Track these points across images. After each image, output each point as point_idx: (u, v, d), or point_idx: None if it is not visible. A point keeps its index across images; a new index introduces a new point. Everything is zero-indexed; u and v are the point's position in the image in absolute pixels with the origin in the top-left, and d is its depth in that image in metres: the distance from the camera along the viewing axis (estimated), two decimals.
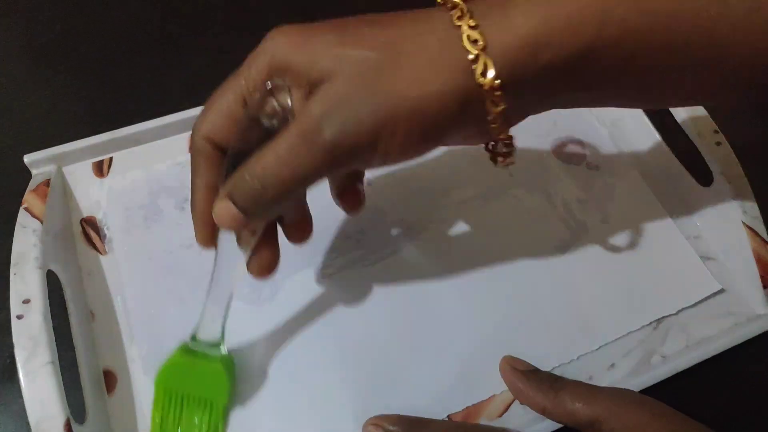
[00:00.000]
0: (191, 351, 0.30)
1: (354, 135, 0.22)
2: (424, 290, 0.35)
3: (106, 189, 0.38)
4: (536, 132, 0.41)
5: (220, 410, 0.30)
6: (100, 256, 0.36)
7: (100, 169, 0.38)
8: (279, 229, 0.29)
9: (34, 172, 0.37)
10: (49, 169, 0.37)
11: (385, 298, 0.35)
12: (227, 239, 0.27)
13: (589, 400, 0.29)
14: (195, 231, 0.28)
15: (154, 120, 0.39)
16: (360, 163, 0.24)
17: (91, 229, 0.36)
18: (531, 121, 0.40)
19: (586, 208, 0.38)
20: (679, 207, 0.39)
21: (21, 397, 0.27)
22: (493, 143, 0.26)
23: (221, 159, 0.26)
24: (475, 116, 0.24)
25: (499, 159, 0.27)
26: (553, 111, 0.40)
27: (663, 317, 0.35)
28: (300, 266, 0.35)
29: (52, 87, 0.44)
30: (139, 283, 0.35)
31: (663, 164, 0.40)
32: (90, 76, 0.44)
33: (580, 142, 0.41)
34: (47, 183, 0.35)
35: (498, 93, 0.23)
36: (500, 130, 0.25)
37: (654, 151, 0.40)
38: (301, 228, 0.29)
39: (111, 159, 0.39)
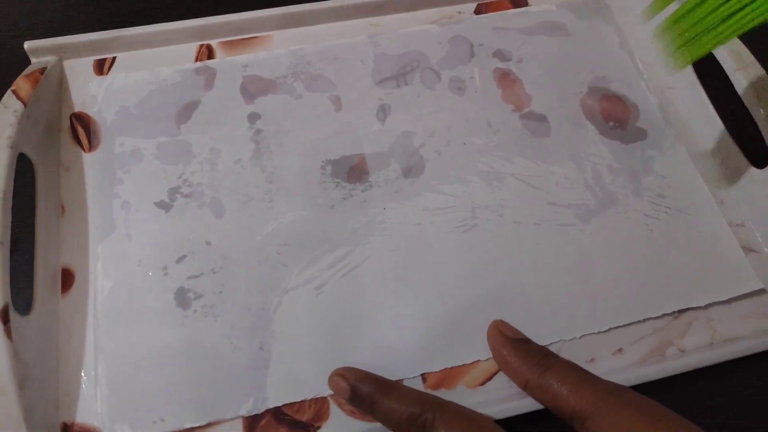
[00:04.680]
0: None
1: None
2: (421, 232, 0.32)
3: (105, 85, 0.35)
4: (575, 89, 0.37)
5: None
6: (84, 153, 0.33)
7: (101, 68, 0.36)
8: None
9: (33, 60, 0.35)
10: (49, 59, 0.35)
11: (373, 231, 0.32)
12: None
13: (577, 388, 0.25)
14: None
15: (165, 24, 0.37)
16: None
17: (80, 125, 0.34)
18: (570, 75, 0.37)
19: (617, 177, 0.34)
20: (725, 189, 0.34)
21: None
22: None
23: None
24: None
25: None
26: (602, 69, 0.36)
27: (688, 309, 0.30)
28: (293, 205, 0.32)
29: None
30: (121, 182, 0.32)
31: (714, 140, 0.35)
32: None
33: (624, 107, 0.36)
34: (42, 70, 0.33)
35: None
36: None
37: (706, 126, 0.35)
38: None
39: (114, 59, 0.37)
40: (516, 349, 0.27)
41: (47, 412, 0.26)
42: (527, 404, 0.26)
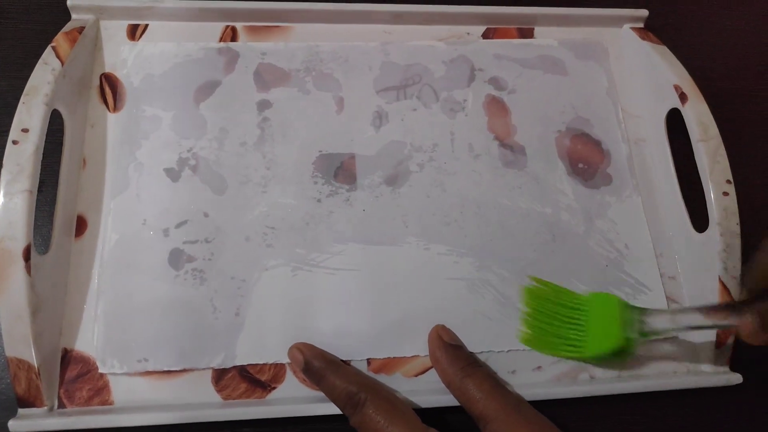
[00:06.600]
0: (631, 308, 0.32)
1: None
2: (389, 239, 0.36)
3: (135, 51, 0.39)
4: (556, 127, 0.40)
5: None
6: (108, 113, 0.37)
7: (134, 33, 0.40)
8: None
9: (73, 16, 0.39)
10: (88, 18, 0.39)
11: (350, 230, 0.36)
12: None
13: (488, 396, 0.30)
14: None
15: (198, 1, 0.40)
16: None
17: (108, 85, 0.38)
18: (555, 113, 0.40)
19: (574, 217, 0.38)
20: (667, 244, 0.38)
21: None
22: None
23: None
24: None
25: None
26: (586, 112, 0.39)
27: None
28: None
29: None
30: (139, 146, 0.36)
31: (667, 198, 0.39)
32: None
33: (598, 152, 0.40)
34: (80, 30, 0.37)
35: None
36: None
37: (664, 183, 0.39)
38: None
39: (147, 26, 0.40)
40: (447, 353, 0.32)
41: (52, 337, 0.32)
42: (448, 400, 0.31)
